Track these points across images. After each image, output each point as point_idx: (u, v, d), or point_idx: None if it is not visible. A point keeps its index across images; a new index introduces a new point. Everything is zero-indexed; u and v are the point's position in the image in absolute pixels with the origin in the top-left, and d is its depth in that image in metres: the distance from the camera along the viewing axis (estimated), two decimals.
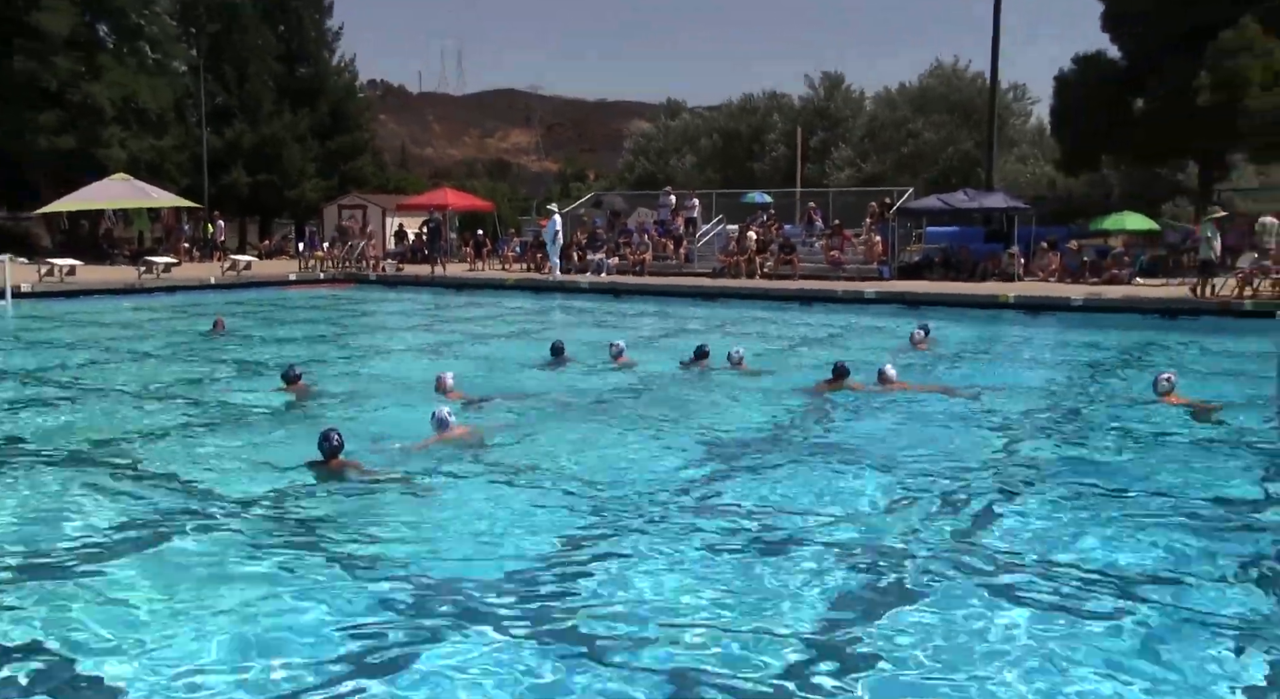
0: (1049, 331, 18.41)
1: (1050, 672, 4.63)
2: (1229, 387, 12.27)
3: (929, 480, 7.89)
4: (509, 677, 4.57)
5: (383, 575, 5.84)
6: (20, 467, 8.30)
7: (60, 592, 5.56)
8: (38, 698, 4.38)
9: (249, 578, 5.80)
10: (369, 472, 7.85)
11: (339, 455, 7.83)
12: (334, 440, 7.83)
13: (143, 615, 5.23)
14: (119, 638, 4.96)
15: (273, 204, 47.11)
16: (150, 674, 4.58)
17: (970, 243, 27.12)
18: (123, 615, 5.24)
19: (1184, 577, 5.81)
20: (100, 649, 4.83)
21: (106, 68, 36.87)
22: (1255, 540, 6.56)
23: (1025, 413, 10.71)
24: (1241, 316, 18.43)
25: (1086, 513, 7.10)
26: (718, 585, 5.67)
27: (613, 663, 4.71)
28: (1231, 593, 5.61)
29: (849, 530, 6.70)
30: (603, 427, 10.02)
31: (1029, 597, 5.52)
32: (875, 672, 4.67)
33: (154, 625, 5.10)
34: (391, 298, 26.49)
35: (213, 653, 4.80)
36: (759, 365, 13.43)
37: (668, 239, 31.12)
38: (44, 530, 6.63)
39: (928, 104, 47.33)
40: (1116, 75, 28.18)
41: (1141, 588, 5.65)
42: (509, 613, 5.26)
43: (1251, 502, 7.48)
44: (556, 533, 6.62)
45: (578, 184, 74.15)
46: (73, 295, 24.24)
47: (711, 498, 7.48)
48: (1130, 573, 5.88)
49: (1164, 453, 8.97)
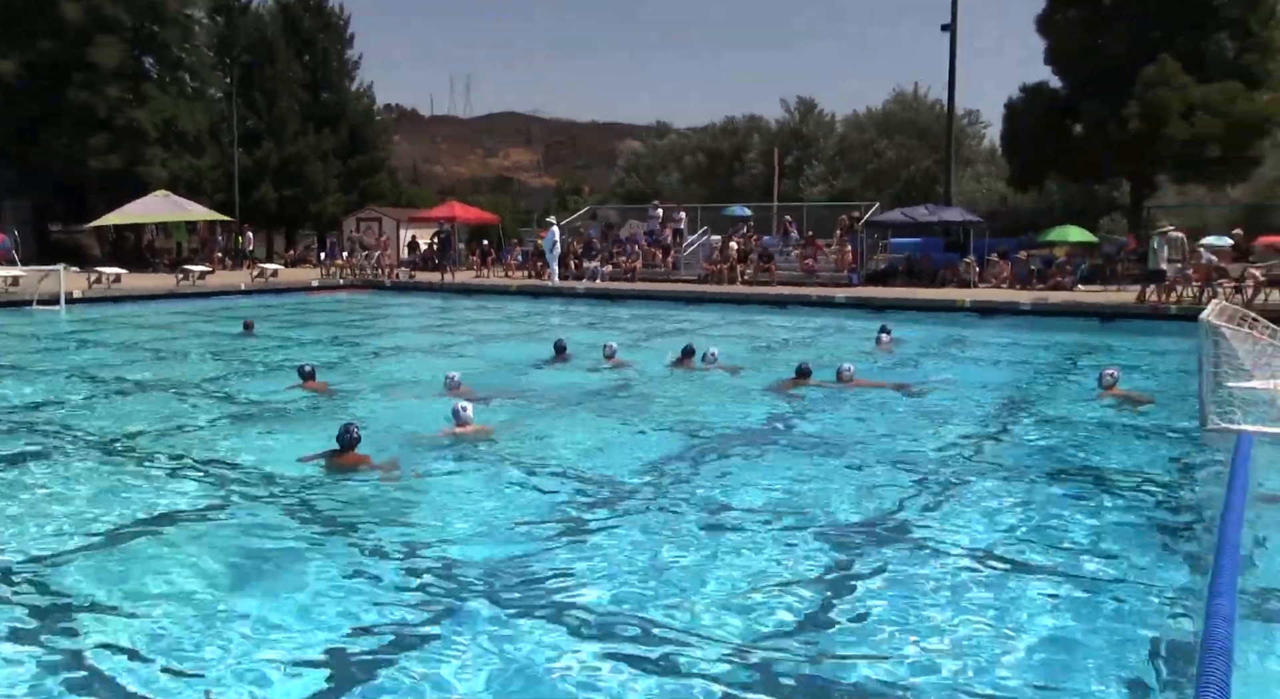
0: (1000, 332, 18.56)
1: (995, 643, 4.74)
2: (1157, 381, 12.45)
3: (886, 469, 7.99)
4: (510, 654, 4.58)
5: (399, 560, 5.87)
6: (71, 455, 8.37)
7: (105, 572, 5.61)
8: (76, 673, 4.41)
9: (273, 559, 5.83)
10: (378, 466, 7.70)
11: (355, 449, 7.74)
12: (353, 433, 7.76)
13: (171, 594, 5.27)
14: (148, 617, 5.00)
15: (297, 217, 47.15)
16: (185, 649, 4.64)
17: (931, 252, 27.25)
18: (151, 595, 5.27)
19: (1115, 548, 5.95)
20: (134, 629, 4.86)
21: (150, 95, 37.23)
22: (1176, 513, 6.71)
23: (977, 404, 10.83)
24: (1168, 319, 18.61)
25: (1031, 493, 7.21)
26: (699, 563, 5.76)
27: (608, 639, 4.77)
28: (1160, 562, 5.75)
29: (813, 514, 6.76)
30: (597, 420, 10.09)
31: (979, 574, 5.63)
32: (838, 646, 4.77)
33: (187, 601, 5.15)
34: (404, 302, 26.48)
35: (242, 627, 4.83)
36: (733, 363, 13.49)
37: (657, 248, 31.20)
38: (93, 513, 6.68)
39: (891, 127, 47.50)
40: (1058, 104, 28.46)
41: (1079, 561, 5.78)
42: (510, 594, 5.28)
43: (1170, 483, 7.63)
44: (553, 517, 6.67)
45: (574, 198, 74.02)
46: (119, 300, 24.22)
47: (691, 485, 7.52)
48: (1068, 547, 6.02)
49: (1100, 438, 9.10)
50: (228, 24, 44.35)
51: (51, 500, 6.99)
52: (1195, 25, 25.86)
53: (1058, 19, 28.04)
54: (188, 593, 5.27)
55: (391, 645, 4.65)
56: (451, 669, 4.42)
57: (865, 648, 4.64)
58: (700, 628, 4.81)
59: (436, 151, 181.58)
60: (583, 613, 5.01)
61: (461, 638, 4.73)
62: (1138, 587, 5.39)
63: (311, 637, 4.73)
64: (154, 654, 4.53)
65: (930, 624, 4.87)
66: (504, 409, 10.43)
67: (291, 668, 4.41)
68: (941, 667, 4.43)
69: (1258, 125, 25.77)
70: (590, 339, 16.04)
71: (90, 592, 5.31)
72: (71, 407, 10.76)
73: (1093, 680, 4.32)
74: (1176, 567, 5.77)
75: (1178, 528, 6.54)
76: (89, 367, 13.70)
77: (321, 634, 4.76)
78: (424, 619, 4.95)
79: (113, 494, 7.14)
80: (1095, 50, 26.77)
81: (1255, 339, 9.10)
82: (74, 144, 35.00)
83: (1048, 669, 4.43)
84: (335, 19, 49.66)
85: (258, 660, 4.46)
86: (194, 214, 34.19)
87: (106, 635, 4.73)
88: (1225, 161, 26.42)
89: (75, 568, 5.65)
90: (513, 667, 4.43)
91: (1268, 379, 9.10)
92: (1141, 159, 26.10)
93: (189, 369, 13.52)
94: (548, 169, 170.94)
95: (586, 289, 27.27)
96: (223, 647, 4.60)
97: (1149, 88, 25.00)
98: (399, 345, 17.36)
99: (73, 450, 8.55)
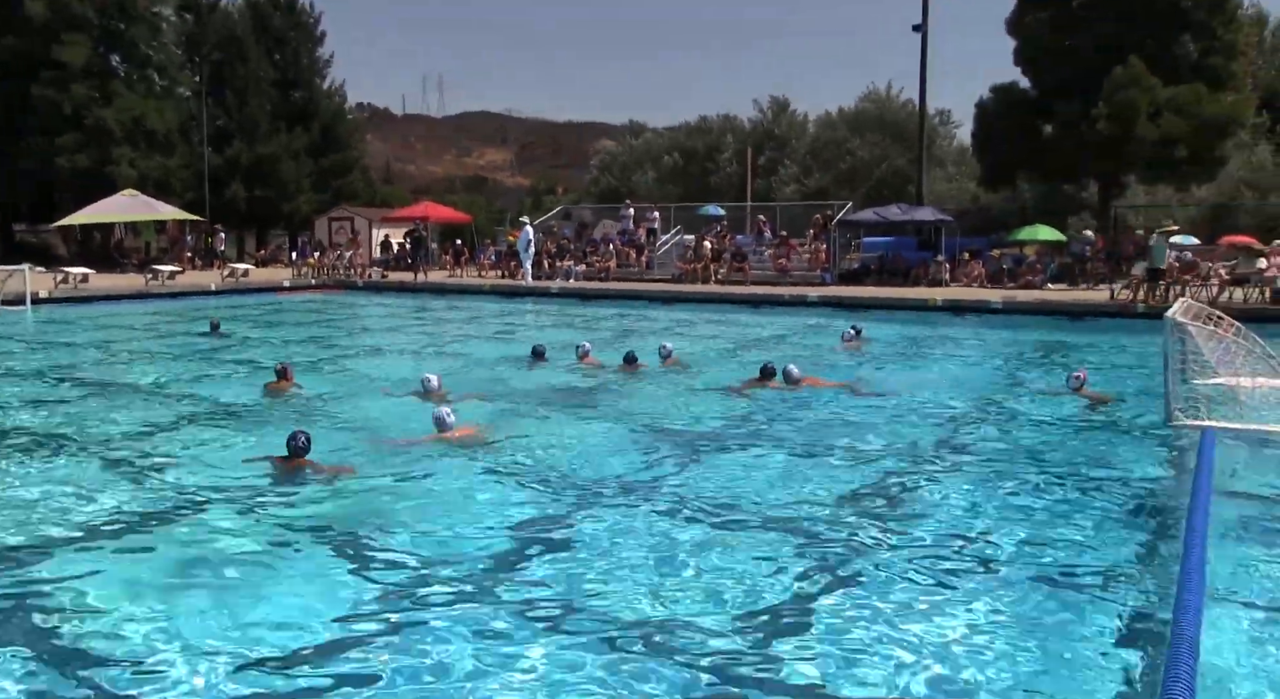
0: (972, 330, 18.68)
1: (963, 637, 4.77)
2: (1123, 379, 12.57)
3: (847, 467, 8.03)
4: (484, 648, 4.59)
5: (369, 557, 5.86)
6: (33, 455, 8.28)
7: (62, 574, 5.54)
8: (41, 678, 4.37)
9: (237, 560, 5.79)
10: (325, 469, 7.53)
11: (303, 456, 7.52)
12: (299, 441, 7.53)
13: (130, 595, 5.22)
14: (112, 615, 4.95)
15: (269, 216, 46.78)
16: (148, 649, 4.59)
17: (903, 251, 27.39)
18: (115, 595, 5.21)
19: (1082, 542, 6.00)
20: (90, 629, 4.81)
21: (118, 93, 37.05)
22: (1143, 507, 6.78)
23: (946, 402, 10.89)
24: (1136, 318, 18.80)
25: (998, 489, 7.26)
26: (667, 558, 5.77)
27: (579, 632, 4.78)
28: (1128, 555, 5.81)
29: (773, 508, 6.80)
30: (568, 420, 10.05)
31: (946, 569, 5.66)
32: (800, 641, 4.78)
33: (145, 603, 5.10)
34: (377, 302, 26.31)
35: (203, 628, 4.79)
36: (692, 361, 13.63)
37: (630, 248, 31.19)
38: (51, 515, 6.61)
39: (863, 126, 47.71)
40: (1028, 104, 28.72)
41: (1047, 555, 5.83)
42: (481, 592, 5.28)
43: (1137, 478, 7.71)
44: (526, 515, 6.67)
45: (549, 198, 73.96)
46: (86, 301, 23.92)
47: (659, 481, 7.54)
48: (1036, 541, 6.06)
49: (1068, 435, 9.19)
50: (196, 22, 43.92)
51: (9, 502, 6.90)
52: (1162, 28, 26.18)
53: (1027, 20, 28.28)
54: (144, 594, 5.21)
55: (356, 645, 4.62)
56: (421, 669, 4.39)
57: (827, 643, 4.66)
58: (672, 623, 4.81)
59: (410, 151, 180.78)
60: (552, 610, 5.00)
61: (428, 638, 4.71)
62: (1106, 579, 5.44)
63: (270, 638, 4.69)
64: (109, 654, 4.49)
65: (896, 620, 4.88)
66: (478, 410, 10.37)
67: (251, 669, 4.36)
68: (910, 660, 4.45)
69: (1222, 126, 26.13)
70: (563, 339, 16.00)
71: (45, 591, 5.25)
72: (34, 407, 10.60)
73: (1063, 671, 4.36)
74: (1144, 559, 5.83)
75: (1145, 521, 6.60)
76: (54, 367, 13.52)
77: (283, 635, 4.72)
78: (390, 618, 4.93)
79: (74, 494, 7.07)
80: (1064, 52, 27.05)
81: (1219, 337, 9.21)
82: (41, 143, 34.77)
83: (1016, 662, 4.45)
84: (306, 17, 49.29)
85: (216, 661, 4.42)
86: (163, 213, 33.89)
87: (60, 637, 4.69)
88: (1193, 162, 26.76)
89: (33, 566, 5.58)
90: (482, 663, 4.42)
91: (1231, 376, 9.21)
92: (1111, 159, 26.38)
93: (156, 370, 13.36)
94: (522, 169, 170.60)
95: (560, 289, 27.21)
96: (180, 648, 4.55)
97: (1118, 89, 25.30)
98: (372, 346, 17.22)
99: (34, 451, 8.44)
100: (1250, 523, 6.52)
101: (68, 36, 34.76)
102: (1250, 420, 8.91)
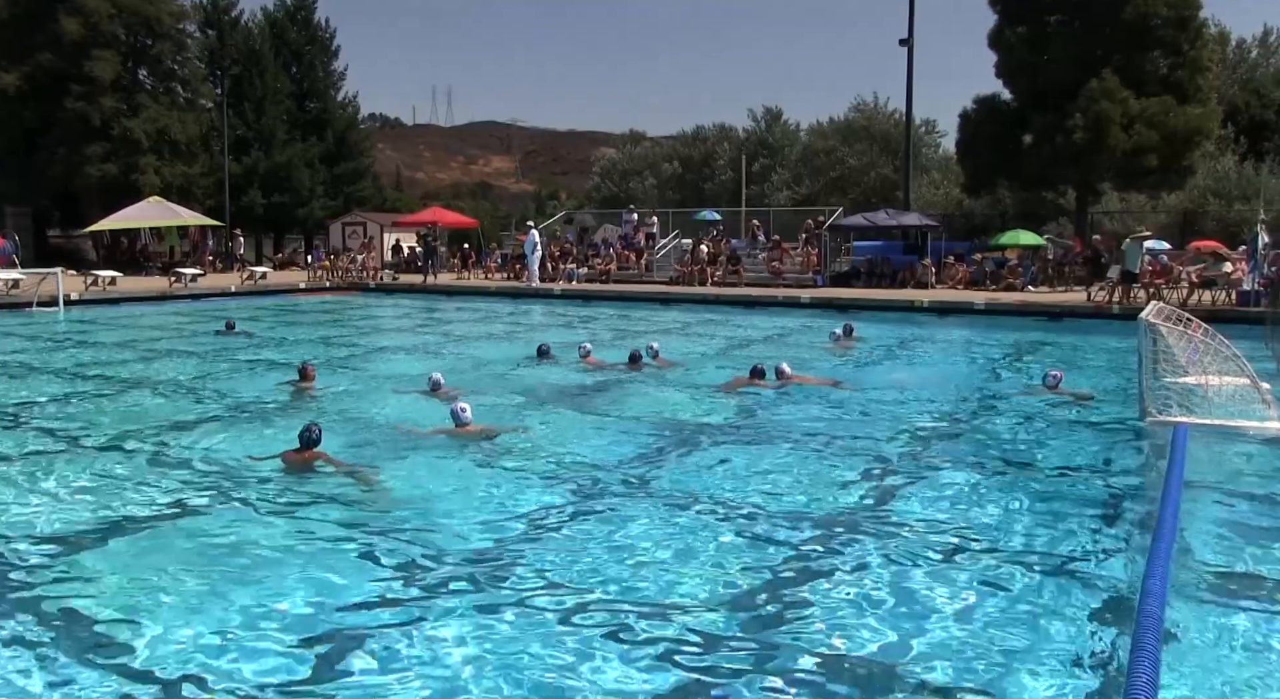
0: (956, 331, 18.74)
1: (942, 624, 4.82)
2: (1099, 376, 12.63)
3: (838, 461, 8.08)
4: (489, 637, 4.63)
5: (380, 548, 5.89)
6: (64, 449, 8.33)
7: (92, 564, 5.58)
8: (71, 665, 4.39)
9: (257, 550, 5.81)
10: (337, 464, 7.53)
11: (315, 447, 7.56)
12: (313, 433, 7.58)
13: (158, 585, 5.25)
14: (141, 605, 4.98)
15: (285, 221, 46.99)
16: (171, 635, 4.63)
17: (891, 255, 27.41)
18: (143, 585, 5.24)
19: (1057, 533, 6.06)
20: (121, 617, 4.83)
21: (144, 105, 37.44)
22: (1116, 500, 6.84)
23: (930, 399, 10.91)
24: (1112, 319, 18.85)
25: (976, 482, 7.32)
26: (664, 548, 5.83)
27: (589, 626, 4.82)
28: (1100, 545, 5.87)
29: (764, 500, 6.84)
30: (570, 417, 10.07)
31: (924, 560, 5.72)
32: (801, 625, 4.83)
33: (171, 593, 5.12)
34: (388, 303, 26.31)
35: (226, 617, 4.82)
36: (689, 360, 13.76)
37: (630, 251, 31.23)
38: (81, 507, 6.65)
39: (852, 135, 47.74)
40: (1009, 114, 28.75)
41: (1022, 545, 5.89)
42: (490, 584, 5.31)
43: (1111, 472, 7.77)
44: (532, 507, 6.71)
45: (552, 203, 74.01)
46: (114, 302, 23.98)
47: (659, 476, 7.58)
48: (1011, 531, 6.12)
49: (1045, 430, 9.24)
50: (219, 37, 44.14)
51: (44, 493, 6.96)
52: (1132, 44, 26.28)
53: (1007, 35, 28.29)
54: (166, 585, 5.24)
55: (369, 636, 4.65)
56: (434, 659, 4.42)
57: (817, 631, 4.70)
58: (675, 614, 4.86)
59: (419, 159, 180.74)
60: (559, 601, 5.03)
61: (442, 627, 4.74)
62: (1079, 568, 5.50)
63: (290, 629, 4.69)
64: (130, 642, 4.52)
65: (879, 610, 4.94)
66: (484, 406, 10.41)
67: (269, 658, 4.37)
68: (891, 649, 4.50)
69: (1189, 137, 26.23)
70: (566, 339, 16.04)
71: (74, 580, 5.30)
72: (67, 402, 10.66)
73: (1036, 656, 4.41)
74: (1116, 549, 5.88)
75: (1117, 513, 6.66)
76: (84, 365, 13.57)
77: (300, 627, 4.72)
78: (402, 608, 4.95)
79: (100, 488, 7.11)
80: (1041, 65, 27.11)
81: (1189, 337, 9.27)
82: (72, 153, 35.19)
83: (991, 647, 4.51)
84: (321, 32, 49.45)
85: (233, 651, 4.44)
86: (186, 219, 34.02)
87: (84, 624, 4.73)
88: (1163, 170, 26.83)
89: (64, 558, 5.64)
90: (499, 654, 4.45)
91: (1200, 375, 9.28)
92: (1086, 167, 26.46)
93: (178, 367, 13.41)
94: (526, 176, 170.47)
95: (563, 290, 27.26)
96: (197, 637, 4.58)
97: (1092, 101, 25.37)
98: (383, 345, 17.24)
99: (64, 444, 8.50)
100: (1217, 513, 6.59)
101: (98, 53, 35.24)
102: (1218, 416, 8.98)
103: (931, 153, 48.81)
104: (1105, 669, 4.31)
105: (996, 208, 35.10)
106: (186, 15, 40.76)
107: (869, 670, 4.29)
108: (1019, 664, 4.33)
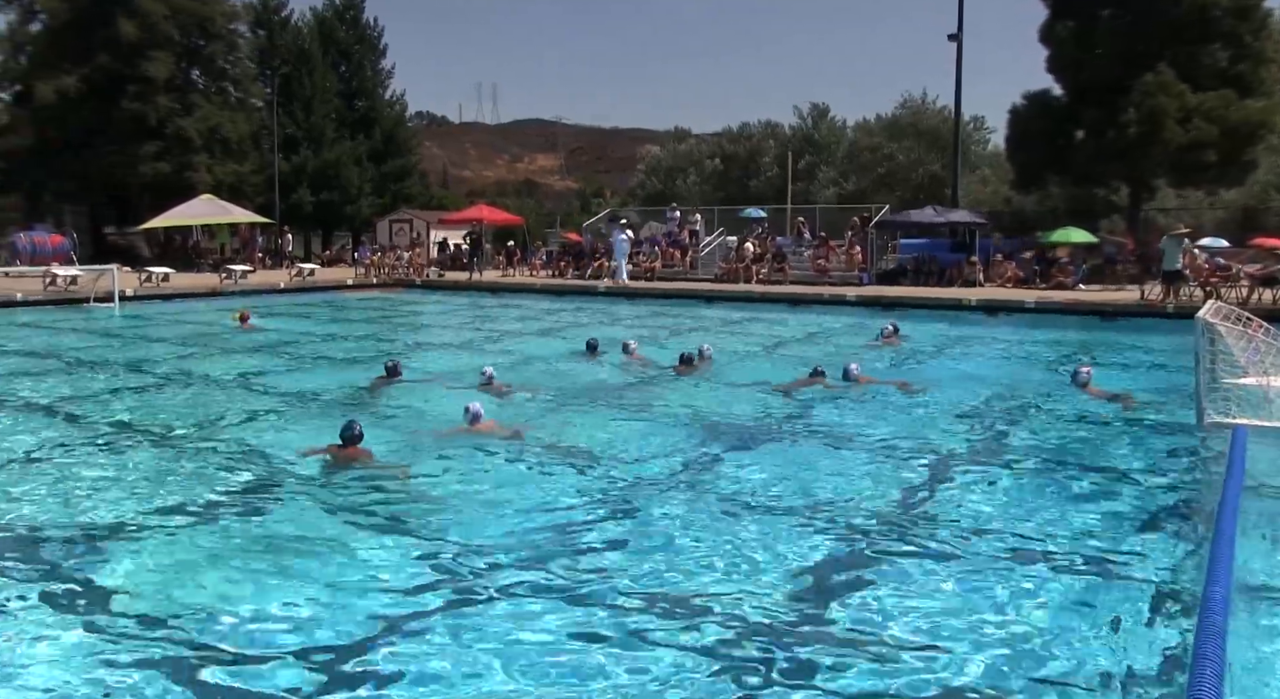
0: (1006, 330, 18.47)
1: (997, 630, 4.75)
2: (1154, 377, 12.37)
3: (892, 463, 7.98)
4: (526, 638, 4.62)
5: (418, 543, 5.93)
6: (122, 441, 8.50)
7: (147, 551, 5.70)
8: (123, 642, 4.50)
9: (293, 547, 5.85)
10: (378, 465, 7.51)
11: (357, 444, 7.58)
12: (355, 430, 7.60)
13: (210, 570, 5.36)
14: (185, 590, 5.08)
15: (333, 219, 47.57)
16: (217, 621, 4.70)
17: (938, 253, 27.10)
18: (194, 570, 5.35)
19: (1115, 538, 5.95)
20: (168, 598, 4.94)
21: (197, 105, 38.23)
22: (1174, 505, 6.70)
23: (984, 401, 10.77)
24: (1165, 318, 18.46)
25: (1031, 485, 7.21)
26: (715, 550, 5.81)
27: (619, 621, 4.82)
28: (1158, 552, 5.75)
29: (826, 502, 6.79)
30: (616, 413, 10.08)
31: (980, 564, 5.64)
32: (849, 623, 4.79)
33: (206, 581, 5.22)
34: (435, 300, 26.51)
35: (273, 603, 4.91)
36: (734, 359, 13.73)
37: (675, 249, 31.18)
38: (137, 497, 6.77)
39: (899, 132, 47.31)
40: (1060, 110, 28.28)
41: (1079, 550, 5.79)
42: (525, 579, 5.32)
43: (1168, 476, 7.61)
44: (574, 502, 6.72)
45: (596, 201, 74.16)
46: (168, 298, 24.47)
47: (708, 474, 7.55)
48: (1068, 536, 6.02)
49: (1101, 432, 9.08)
50: (269, 37, 44.83)
51: (100, 483, 7.10)
52: (1191, 37, 25.68)
53: (1058, 29, 27.83)
54: (207, 577, 5.32)
55: (404, 630, 4.68)
56: (467, 653, 4.43)
57: (865, 634, 4.66)
58: (716, 610, 4.84)
59: (465, 157, 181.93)
60: (594, 597, 5.03)
61: (477, 622, 4.76)
62: (1137, 575, 5.39)
63: (327, 622, 4.73)
64: (170, 633, 4.59)
65: (933, 613, 4.88)
66: (532, 402, 10.48)
67: (304, 654, 4.40)
68: (946, 653, 4.44)
69: (1251, 131, 25.57)
70: (612, 335, 16.05)
71: (117, 569, 5.40)
72: (122, 394, 10.89)
73: (1093, 665, 4.33)
74: (1174, 556, 5.76)
75: (1176, 518, 6.52)
76: (139, 359, 13.85)
77: (340, 621, 4.75)
78: (437, 604, 4.97)
79: (148, 480, 7.25)
80: (1094, 59, 26.62)
81: (1250, 337, 9.04)
82: (127, 152, 35.92)
83: (1047, 656, 4.43)
84: (369, 31, 49.97)
85: (271, 644, 4.49)
86: (237, 217, 34.64)
87: (125, 612, 4.81)
88: (1222, 165, 26.21)
89: (110, 547, 5.75)
90: (530, 649, 4.46)
91: (1262, 375, 9.04)
92: (1140, 163, 25.93)
93: (228, 362, 13.63)
94: (570, 173, 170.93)
95: (607, 288, 27.30)
96: (234, 629, 4.63)
97: (1147, 95, 24.87)
98: (432, 341, 17.36)
99: (119, 435, 8.68)
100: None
101: (154, 53, 35.97)
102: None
103: (980, 149, 48.22)
104: (1165, 680, 4.22)
105: (1046, 204, 34.55)
106: (238, 15, 41.53)
107: (921, 673, 4.23)
108: (1075, 674, 4.25)
